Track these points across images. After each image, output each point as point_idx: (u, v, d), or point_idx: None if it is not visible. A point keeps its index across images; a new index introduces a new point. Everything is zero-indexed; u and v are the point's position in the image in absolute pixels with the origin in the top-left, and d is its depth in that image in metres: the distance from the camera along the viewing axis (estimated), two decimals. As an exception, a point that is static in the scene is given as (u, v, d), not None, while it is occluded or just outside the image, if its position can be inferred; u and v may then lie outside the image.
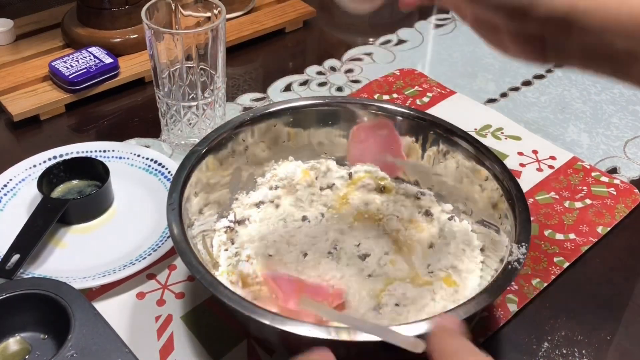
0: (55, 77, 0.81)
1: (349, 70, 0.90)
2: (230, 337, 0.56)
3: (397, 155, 0.65)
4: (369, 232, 0.61)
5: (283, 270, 0.56)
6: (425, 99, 0.84)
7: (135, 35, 0.86)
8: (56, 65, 0.80)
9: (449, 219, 0.62)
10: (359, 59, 0.93)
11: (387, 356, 0.53)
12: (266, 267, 0.57)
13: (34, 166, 0.70)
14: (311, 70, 0.90)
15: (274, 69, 0.91)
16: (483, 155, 0.59)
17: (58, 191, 0.67)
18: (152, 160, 0.71)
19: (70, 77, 0.79)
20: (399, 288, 0.55)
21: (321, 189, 0.65)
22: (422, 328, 0.44)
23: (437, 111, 0.80)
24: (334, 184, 0.65)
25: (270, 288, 0.54)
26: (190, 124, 0.72)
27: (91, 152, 0.72)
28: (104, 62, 0.81)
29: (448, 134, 0.62)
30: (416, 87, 0.86)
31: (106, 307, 0.57)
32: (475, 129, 0.79)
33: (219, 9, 0.67)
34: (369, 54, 0.94)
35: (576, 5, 0.40)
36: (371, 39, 0.97)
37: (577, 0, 0.40)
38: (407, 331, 0.44)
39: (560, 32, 0.42)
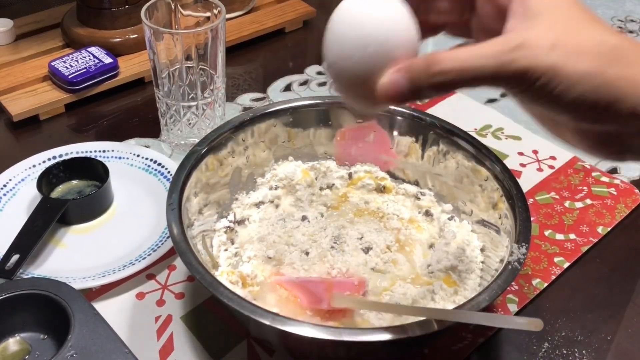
0: (54, 77, 0.81)
1: (349, 70, 0.90)
2: (230, 337, 0.56)
3: (389, 155, 0.66)
4: (370, 225, 0.61)
5: (290, 272, 0.56)
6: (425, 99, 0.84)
7: (135, 35, 0.86)
8: (56, 65, 0.80)
9: (449, 219, 0.62)
10: (359, 59, 0.93)
11: (386, 356, 0.53)
12: (274, 272, 0.57)
13: (34, 166, 0.70)
14: (311, 70, 0.90)
15: (274, 69, 0.91)
16: (483, 155, 0.59)
17: (58, 191, 0.67)
18: (151, 160, 0.71)
19: (70, 77, 0.79)
20: (399, 288, 0.55)
21: (321, 189, 0.65)
22: (421, 328, 0.44)
23: (437, 111, 0.80)
24: (333, 184, 0.65)
25: (291, 293, 0.54)
26: (189, 124, 0.72)
27: (91, 152, 0.72)
28: (103, 62, 0.81)
29: (448, 134, 0.62)
30: (416, 87, 0.86)
31: (106, 308, 0.57)
32: (475, 129, 0.79)
33: (218, 8, 0.67)
34: (369, 54, 0.94)
35: None
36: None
37: None
38: (408, 331, 0.44)
39: None
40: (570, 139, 0.39)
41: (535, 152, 0.76)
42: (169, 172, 0.69)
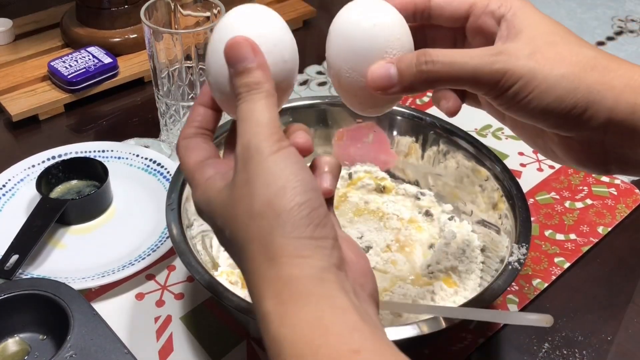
0: (54, 77, 0.80)
1: (349, 70, 0.90)
2: (230, 337, 0.56)
3: (389, 155, 0.65)
4: (370, 225, 0.61)
5: None
6: (425, 99, 0.84)
7: (135, 35, 0.86)
8: (55, 65, 0.80)
9: (449, 219, 0.62)
10: (359, 59, 0.93)
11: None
12: None
13: (33, 166, 0.70)
14: (311, 70, 0.90)
15: (273, 68, 0.90)
16: (483, 155, 0.59)
17: (57, 191, 0.67)
18: (151, 160, 0.71)
19: (69, 77, 0.79)
20: (399, 289, 0.55)
21: (321, 189, 0.65)
22: (421, 328, 0.44)
23: (437, 111, 0.79)
24: (333, 184, 0.65)
25: None
26: (189, 124, 0.72)
27: (90, 152, 0.71)
28: (103, 62, 0.81)
29: (448, 134, 0.62)
30: (416, 87, 0.86)
31: (105, 308, 0.56)
32: (476, 129, 0.79)
33: (218, 8, 0.67)
34: (368, 54, 0.94)
35: (638, 108, 0.34)
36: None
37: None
38: (407, 332, 0.44)
39: (624, 140, 0.35)
40: (558, 152, 0.40)
41: (535, 152, 0.76)
42: (168, 172, 0.69)
